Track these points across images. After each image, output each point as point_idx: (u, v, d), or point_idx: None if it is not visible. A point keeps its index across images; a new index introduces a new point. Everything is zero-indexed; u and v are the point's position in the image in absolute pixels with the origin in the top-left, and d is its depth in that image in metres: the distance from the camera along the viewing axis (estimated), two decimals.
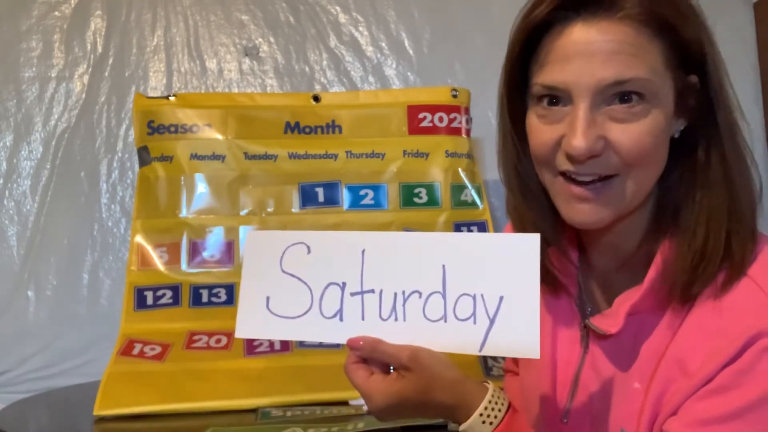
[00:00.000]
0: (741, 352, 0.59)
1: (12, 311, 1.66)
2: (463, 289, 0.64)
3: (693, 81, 0.65)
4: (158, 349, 1.35)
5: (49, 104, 1.72)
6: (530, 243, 0.63)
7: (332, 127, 1.59)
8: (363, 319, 0.67)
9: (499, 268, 0.63)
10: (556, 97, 0.64)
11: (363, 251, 0.68)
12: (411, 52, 1.81)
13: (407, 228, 1.54)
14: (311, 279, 0.69)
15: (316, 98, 1.61)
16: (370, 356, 0.67)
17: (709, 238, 0.62)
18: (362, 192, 1.56)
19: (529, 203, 0.71)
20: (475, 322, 0.63)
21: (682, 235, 0.64)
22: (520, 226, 0.73)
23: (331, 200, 1.56)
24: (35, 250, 1.68)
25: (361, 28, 1.81)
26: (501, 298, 0.63)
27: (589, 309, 0.76)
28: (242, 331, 0.73)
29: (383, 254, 0.67)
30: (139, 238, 1.48)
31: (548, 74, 0.63)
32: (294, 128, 1.58)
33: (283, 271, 0.71)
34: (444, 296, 0.65)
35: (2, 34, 1.72)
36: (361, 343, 0.67)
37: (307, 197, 1.55)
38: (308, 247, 0.70)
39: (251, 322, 0.73)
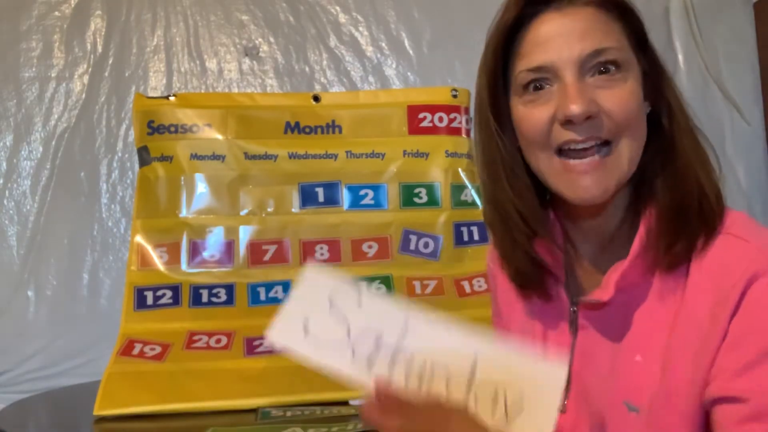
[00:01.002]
0: (742, 298, 0.63)
1: (12, 311, 1.66)
2: (489, 383, 0.66)
3: (649, 68, 0.72)
4: (158, 349, 1.34)
5: (49, 104, 1.72)
6: (557, 374, 0.66)
7: (332, 127, 1.59)
8: (389, 372, 0.68)
9: (525, 380, 0.66)
10: (541, 82, 0.69)
11: (407, 318, 0.70)
12: (411, 52, 1.81)
13: (407, 228, 1.55)
14: (353, 318, 0.71)
15: (316, 98, 1.61)
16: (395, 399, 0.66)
17: (684, 201, 0.68)
18: (362, 192, 1.56)
19: (516, 192, 0.73)
20: (492, 416, 0.66)
21: (660, 204, 0.69)
22: (504, 218, 0.74)
23: (331, 200, 1.56)
24: (35, 250, 1.68)
25: (361, 28, 1.81)
26: (522, 405, 0.65)
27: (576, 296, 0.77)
28: (273, 336, 0.76)
29: (425, 327, 0.69)
30: (139, 238, 1.48)
31: (532, 58, 0.68)
32: (294, 128, 1.58)
33: (330, 303, 0.74)
34: (470, 384, 0.67)
35: (2, 34, 1.72)
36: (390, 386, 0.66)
37: (307, 197, 1.55)
38: (359, 294, 0.72)
39: (285, 331, 0.77)
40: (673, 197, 0.68)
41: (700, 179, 0.69)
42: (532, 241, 0.74)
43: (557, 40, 0.67)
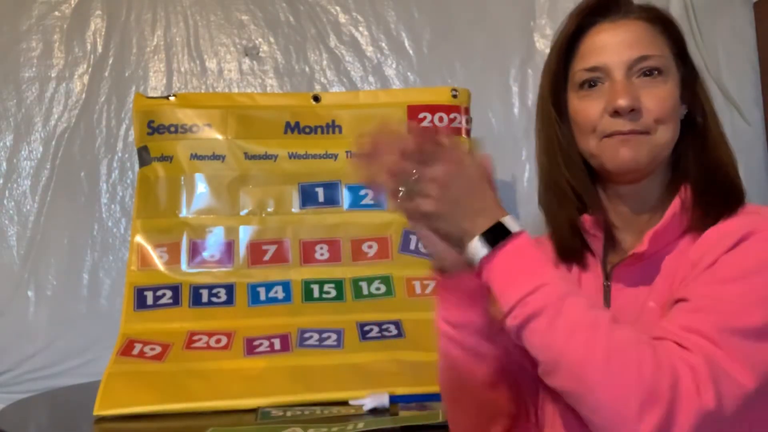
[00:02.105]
0: (737, 243, 0.73)
1: (12, 311, 1.66)
2: None
3: (688, 75, 0.86)
4: (158, 349, 1.35)
5: (49, 104, 1.73)
6: None
7: (332, 127, 1.59)
8: None
9: None
10: (594, 81, 0.82)
11: None
12: (411, 52, 1.81)
13: (407, 228, 1.55)
14: None
15: (316, 98, 1.61)
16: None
17: (715, 180, 0.81)
18: (362, 192, 1.56)
19: (571, 172, 0.85)
20: None
21: (694, 182, 0.82)
22: (561, 194, 0.86)
23: (331, 200, 1.56)
24: (35, 250, 1.68)
25: (361, 28, 1.81)
26: None
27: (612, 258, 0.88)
28: None
29: None
30: (139, 238, 1.48)
31: (588, 60, 0.83)
32: (294, 128, 1.58)
33: None
34: None
35: (2, 34, 1.72)
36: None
37: (307, 197, 1.55)
38: None
39: None
40: (706, 177, 0.81)
41: (728, 167, 0.83)
42: (581, 216, 0.84)
43: (610, 46, 0.82)
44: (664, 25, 0.85)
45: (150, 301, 1.43)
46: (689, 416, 0.63)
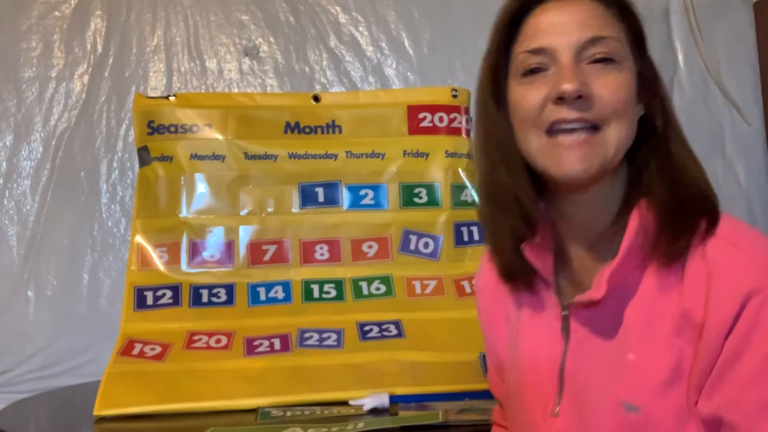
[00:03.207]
0: (739, 314, 0.63)
1: (12, 311, 1.66)
2: None
3: (646, 71, 0.73)
4: (158, 349, 1.35)
5: (49, 104, 1.72)
6: None
7: (332, 127, 1.59)
8: None
9: None
10: (538, 66, 0.71)
11: None
12: (411, 52, 1.81)
13: (407, 228, 1.55)
14: None
15: (316, 98, 1.61)
16: None
17: (682, 196, 0.69)
18: (362, 192, 1.56)
19: (513, 176, 0.74)
20: None
21: (656, 200, 0.70)
22: (501, 204, 0.75)
23: (331, 200, 1.56)
24: (35, 250, 1.68)
25: (361, 28, 1.81)
26: None
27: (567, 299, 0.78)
28: None
29: None
30: (139, 238, 1.48)
31: (532, 41, 0.71)
32: (294, 128, 1.58)
33: None
34: None
35: (2, 34, 1.72)
36: None
37: (307, 197, 1.55)
38: None
39: None
40: (671, 192, 0.69)
41: (695, 176, 0.70)
42: (523, 245, 0.74)
43: (558, 26, 0.70)
44: (620, 8, 0.72)
45: (150, 301, 1.43)
46: None
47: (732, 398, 0.64)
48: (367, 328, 1.41)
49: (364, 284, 1.50)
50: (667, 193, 0.70)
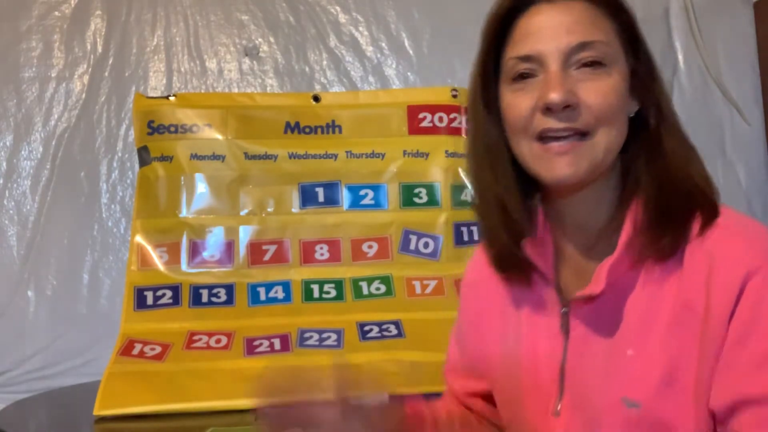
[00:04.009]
0: (740, 295, 0.63)
1: (12, 311, 1.66)
2: None
3: (639, 67, 0.73)
4: (158, 349, 1.34)
5: (49, 104, 1.72)
6: None
7: (332, 127, 1.59)
8: None
9: None
10: (528, 72, 0.71)
11: None
12: (411, 52, 1.81)
13: (407, 228, 1.55)
14: None
15: (316, 98, 1.61)
16: None
17: (672, 193, 0.69)
18: (362, 192, 1.56)
19: (501, 183, 0.75)
20: None
21: (646, 197, 0.70)
22: (493, 209, 0.76)
23: (331, 200, 1.56)
24: (35, 250, 1.68)
25: (361, 28, 1.81)
26: None
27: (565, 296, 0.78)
28: None
29: None
30: (139, 238, 1.48)
31: (522, 47, 0.71)
32: (294, 128, 1.58)
33: None
34: None
35: (2, 34, 1.72)
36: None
37: (307, 197, 1.55)
38: None
39: None
40: (661, 190, 0.70)
41: (690, 172, 0.70)
42: (520, 241, 0.75)
43: (546, 31, 0.70)
44: (611, 7, 0.71)
45: (150, 301, 1.43)
46: None
47: (746, 378, 0.63)
48: (367, 328, 1.41)
49: (364, 284, 1.50)
50: (656, 190, 0.70)
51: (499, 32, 0.73)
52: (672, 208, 0.69)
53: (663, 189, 0.70)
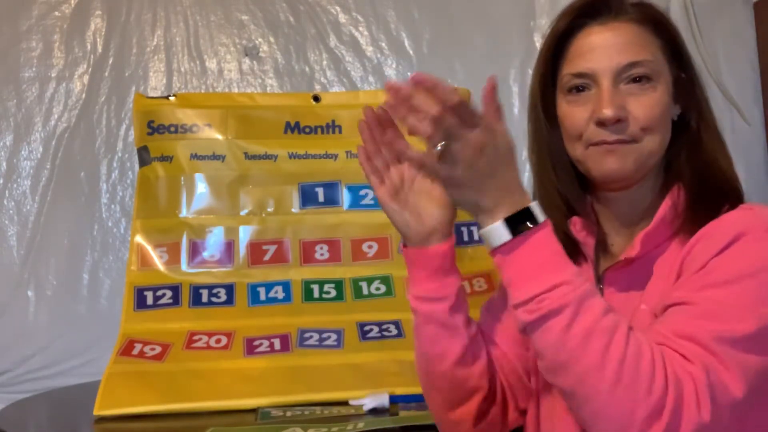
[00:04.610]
0: (730, 244, 0.72)
1: (12, 311, 1.66)
2: None
3: (682, 75, 0.83)
4: (158, 349, 1.35)
5: (49, 104, 1.72)
6: None
7: (332, 127, 1.59)
8: None
9: None
10: (582, 86, 0.81)
11: None
12: (411, 52, 1.81)
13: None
14: None
15: (316, 98, 1.61)
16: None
17: (708, 183, 0.80)
18: (362, 192, 1.56)
19: (559, 176, 0.86)
20: None
21: (686, 185, 0.80)
22: (548, 198, 0.86)
23: (331, 200, 1.56)
24: (35, 250, 1.68)
25: (361, 28, 1.81)
26: None
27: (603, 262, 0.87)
28: None
29: None
30: (139, 238, 1.48)
31: (577, 64, 0.81)
32: (294, 128, 1.58)
33: None
34: None
35: (2, 34, 1.72)
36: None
37: (307, 197, 1.55)
38: None
39: None
40: (699, 180, 0.80)
41: (723, 167, 0.81)
42: (569, 219, 0.84)
43: (599, 51, 0.80)
44: (656, 25, 0.82)
45: (150, 301, 1.43)
46: (688, 430, 0.63)
47: (690, 288, 0.71)
48: (367, 328, 1.41)
49: (364, 284, 1.50)
50: (697, 179, 0.80)
51: (555, 50, 0.84)
52: (707, 195, 0.78)
53: (701, 179, 0.80)
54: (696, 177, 0.80)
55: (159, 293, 1.44)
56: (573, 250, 0.84)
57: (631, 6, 0.82)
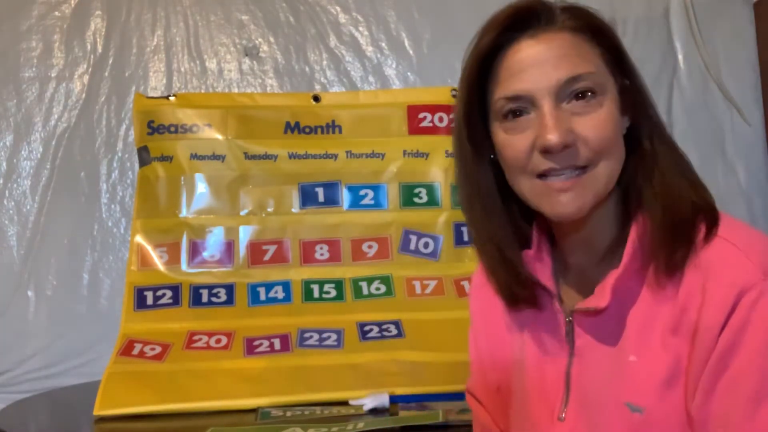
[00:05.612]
0: (732, 312, 0.63)
1: (12, 311, 1.66)
2: None
3: (627, 83, 0.72)
4: (158, 349, 1.35)
5: (49, 104, 1.72)
6: None
7: (332, 127, 1.59)
8: None
9: None
10: (519, 110, 0.70)
11: None
12: (411, 52, 1.81)
13: (407, 228, 1.55)
14: None
15: (316, 98, 1.61)
16: None
17: (675, 210, 0.69)
18: (362, 192, 1.56)
19: (490, 217, 0.76)
20: None
21: (649, 214, 0.70)
22: (482, 242, 0.78)
23: (331, 200, 1.56)
24: (35, 250, 1.68)
25: (361, 28, 1.81)
26: None
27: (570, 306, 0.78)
28: None
29: None
30: (139, 238, 1.48)
31: (509, 86, 0.70)
32: (294, 128, 1.58)
33: None
34: None
35: (2, 34, 1.72)
36: None
37: (307, 197, 1.55)
38: None
39: None
40: (664, 207, 0.69)
41: (685, 182, 0.70)
42: (521, 255, 0.76)
43: (533, 68, 0.69)
44: (593, 31, 0.70)
45: (150, 301, 1.43)
46: None
47: (723, 411, 0.63)
48: (367, 328, 1.41)
49: (364, 284, 1.50)
50: (658, 208, 0.69)
51: (481, 70, 0.74)
52: (674, 228, 0.68)
53: (664, 203, 0.69)
54: (658, 201, 0.70)
55: (159, 293, 1.44)
56: (530, 287, 0.77)
57: (563, 12, 0.71)
